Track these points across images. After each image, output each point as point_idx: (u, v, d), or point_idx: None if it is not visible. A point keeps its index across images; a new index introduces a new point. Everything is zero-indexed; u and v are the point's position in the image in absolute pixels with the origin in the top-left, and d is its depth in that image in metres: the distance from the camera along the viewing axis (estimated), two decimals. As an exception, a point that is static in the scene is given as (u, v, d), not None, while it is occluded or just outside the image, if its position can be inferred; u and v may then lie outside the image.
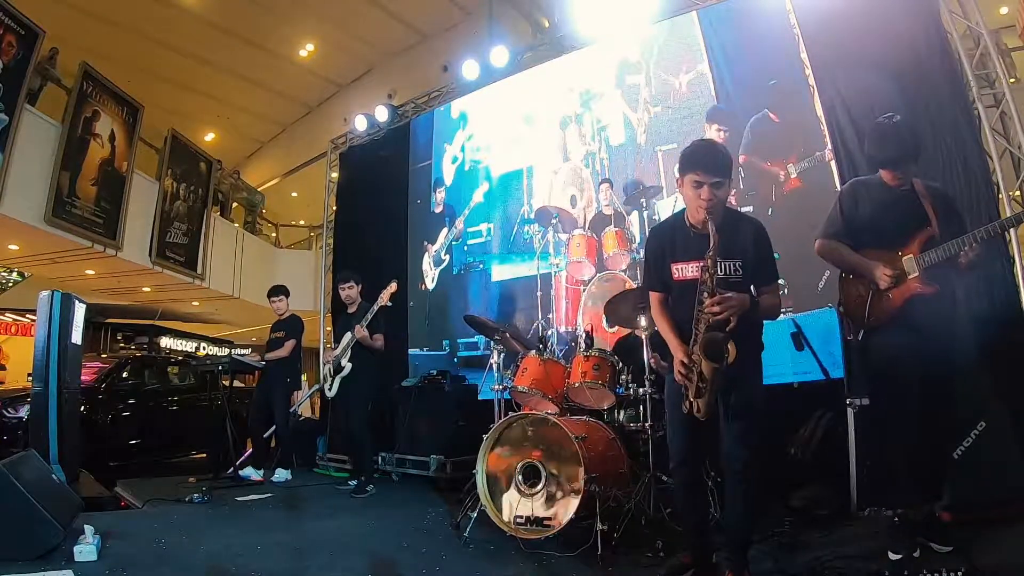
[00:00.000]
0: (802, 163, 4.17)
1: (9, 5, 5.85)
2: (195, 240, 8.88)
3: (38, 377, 3.65)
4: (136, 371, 6.27)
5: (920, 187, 2.44)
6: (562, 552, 2.69)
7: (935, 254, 2.29)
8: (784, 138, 4.27)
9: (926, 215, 2.35)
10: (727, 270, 2.16)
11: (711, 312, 2.03)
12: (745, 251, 2.19)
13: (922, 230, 2.35)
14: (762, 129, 4.36)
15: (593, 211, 5.20)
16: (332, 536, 3.17)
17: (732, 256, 2.17)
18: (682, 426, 2.23)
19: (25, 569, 2.37)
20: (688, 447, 2.25)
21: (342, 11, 9.79)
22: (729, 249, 2.16)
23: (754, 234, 2.22)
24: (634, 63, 5.12)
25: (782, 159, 4.25)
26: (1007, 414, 2.74)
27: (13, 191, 5.94)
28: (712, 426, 2.17)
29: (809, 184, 4.11)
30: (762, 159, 4.34)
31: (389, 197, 6.70)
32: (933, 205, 2.37)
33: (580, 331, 4.73)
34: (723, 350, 1.98)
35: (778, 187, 4.26)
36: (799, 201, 4.07)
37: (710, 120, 4.63)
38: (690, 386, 2.10)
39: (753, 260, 2.19)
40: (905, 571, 2.09)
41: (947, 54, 3.59)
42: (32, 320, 9.22)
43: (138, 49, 9.47)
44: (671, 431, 2.33)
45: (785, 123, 4.28)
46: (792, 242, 3.40)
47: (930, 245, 2.32)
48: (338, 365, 4.47)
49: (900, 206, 2.40)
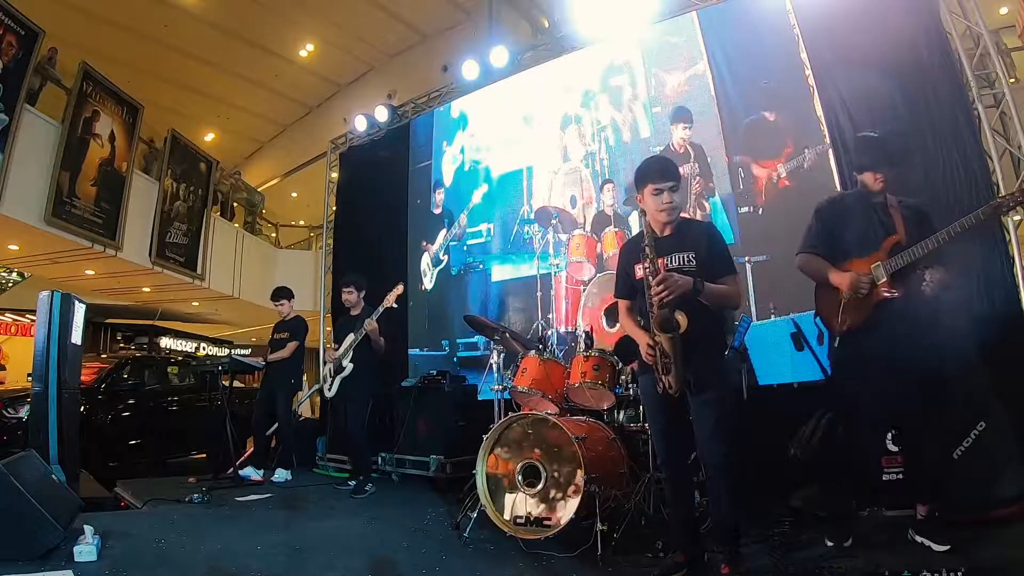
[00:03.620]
0: (791, 163, 4.19)
1: (9, 5, 5.85)
2: (195, 240, 8.87)
3: (38, 377, 3.64)
4: (136, 371, 6.26)
5: (892, 201, 2.61)
6: (562, 552, 2.69)
7: (900, 259, 2.44)
8: (776, 138, 4.29)
9: (894, 225, 2.54)
10: (680, 261, 2.36)
11: (655, 292, 2.22)
12: (697, 245, 2.38)
13: (889, 238, 2.51)
14: (755, 130, 4.37)
15: (593, 211, 5.20)
16: (332, 536, 3.17)
17: (684, 249, 2.38)
18: (660, 428, 2.44)
19: (25, 569, 2.37)
20: (668, 447, 2.44)
21: (342, 11, 9.80)
22: (681, 244, 2.39)
23: (706, 231, 2.47)
24: (634, 63, 5.12)
25: (773, 160, 4.27)
26: (1007, 414, 2.74)
27: (13, 191, 5.93)
28: (689, 425, 2.32)
29: (800, 183, 4.11)
30: (754, 159, 4.35)
31: (389, 197, 6.70)
32: (903, 216, 2.55)
33: (580, 331, 4.72)
34: (672, 320, 2.20)
35: (769, 187, 4.27)
36: (791, 201, 4.07)
37: (675, 121, 4.73)
38: (657, 364, 2.29)
39: (706, 253, 2.37)
40: (905, 570, 2.09)
41: (947, 54, 3.58)
42: (32, 320, 9.22)
43: (138, 49, 9.48)
44: (652, 432, 2.55)
45: (777, 124, 4.30)
46: (788, 242, 3.39)
47: (897, 251, 2.47)
48: (339, 365, 4.48)
49: (871, 218, 2.58)
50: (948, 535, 2.36)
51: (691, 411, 2.31)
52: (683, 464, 2.45)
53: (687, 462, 2.48)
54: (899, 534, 2.53)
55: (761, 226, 4.26)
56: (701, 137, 4.61)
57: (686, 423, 2.33)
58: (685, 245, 2.38)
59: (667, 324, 2.20)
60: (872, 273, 2.48)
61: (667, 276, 2.23)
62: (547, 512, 2.85)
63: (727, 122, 4.51)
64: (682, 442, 2.40)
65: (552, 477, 2.89)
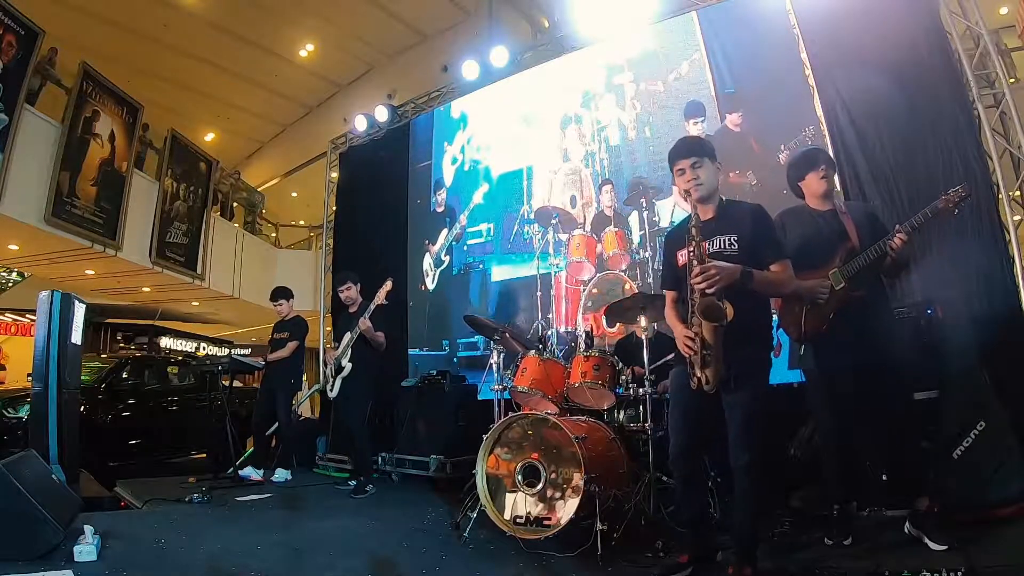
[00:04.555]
0: (762, 170, 4.25)
1: (9, 5, 5.85)
2: (195, 240, 8.87)
3: (38, 377, 3.64)
4: (136, 371, 6.27)
5: (840, 206, 2.68)
6: (562, 552, 2.69)
7: (855, 264, 2.51)
8: (742, 147, 4.32)
9: (846, 231, 2.58)
10: (721, 244, 2.23)
11: (694, 282, 2.09)
12: (741, 227, 2.24)
13: (843, 245, 2.56)
14: (721, 142, 4.32)
15: (593, 211, 5.20)
16: (332, 536, 3.17)
17: (727, 231, 2.24)
18: (684, 419, 2.31)
19: (25, 569, 2.37)
20: (687, 441, 2.31)
21: (342, 11, 9.79)
22: (724, 226, 2.26)
23: (752, 212, 2.31)
24: (634, 63, 5.13)
25: (744, 169, 4.31)
26: (1007, 414, 2.74)
27: (13, 191, 5.94)
28: (713, 422, 2.21)
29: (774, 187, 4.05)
30: (728, 171, 4.31)
31: (389, 197, 6.70)
32: (854, 221, 2.60)
33: (580, 331, 4.72)
34: (718, 308, 2.04)
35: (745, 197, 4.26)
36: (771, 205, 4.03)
37: (688, 117, 4.75)
38: (696, 357, 2.14)
39: (750, 235, 2.23)
40: (905, 570, 2.09)
41: (947, 54, 3.59)
42: (32, 320, 9.23)
43: (138, 49, 9.48)
44: (673, 422, 2.39)
45: (743, 132, 4.37)
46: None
47: (851, 256, 2.53)
48: (339, 365, 4.47)
49: (823, 227, 2.63)
50: (947, 535, 2.36)
51: (725, 409, 2.18)
52: (697, 462, 2.39)
53: (701, 460, 2.44)
54: (899, 534, 2.52)
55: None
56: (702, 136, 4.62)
57: (710, 421, 2.21)
58: (728, 227, 2.24)
59: (713, 312, 2.04)
60: (831, 280, 2.54)
61: (706, 268, 2.07)
62: (547, 512, 2.85)
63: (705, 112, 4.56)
64: (701, 440, 2.31)
65: (552, 477, 2.89)
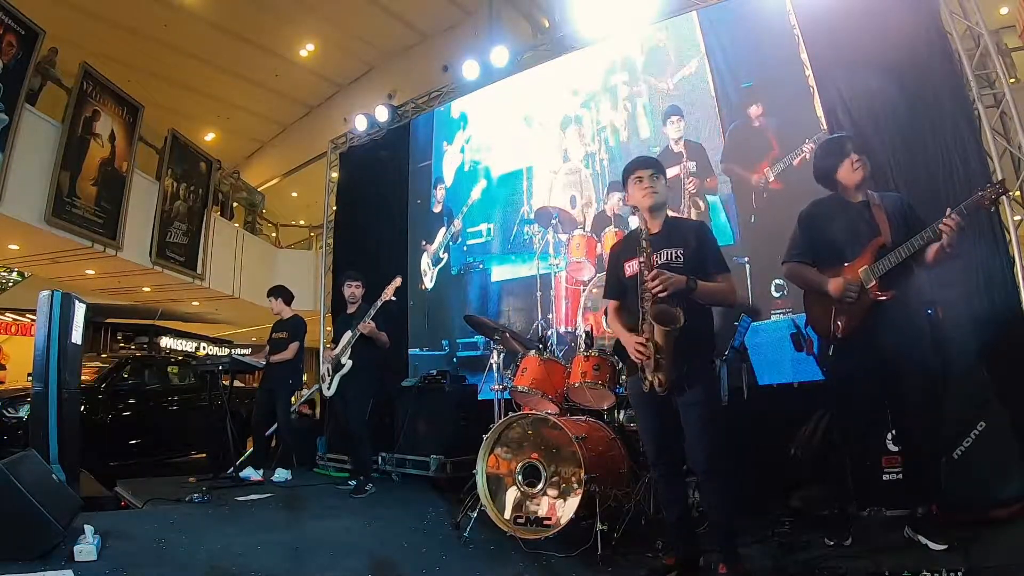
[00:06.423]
0: (777, 165, 4.20)
1: (9, 5, 5.85)
2: (195, 240, 8.87)
3: (38, 377, 3.64)
4: (136, 371, 6.27)
5: (874, 199, 2.56)
6: (562, 552, 2.69)
7: (886, 262, 2.41)
8: (761, 142, 4.28)
9: (877, 226, 2.48)
10: (668, 257, 2.36)
11: (650, 286, 2.21)
12: (686, 242, 2.38)
13: (873, 240, 2.47)
14: (739, 136, 4.38)
15: (593, 211, 5.20)
16: (332, 536, 3.17)
17: (673, 245, 2.38)
18: (650, 423, 2.42)
19: (25, 569, 2.37)
20: (659, 448, 2.42)
21: (342, 11, 9.79)
22: (670, 240, 2.39)
23: (696, 229, 2.46)
24: (634, 63, 5.12)
25: (760, 164, 4.28)
26: (1007, 414, 2.74)
27: (13, 191, 5.93)
28: (677, 421, 2.31)
29: (789, 184, 4.10)
30: (740, 166, 4.34)
31: (389, 197, 6.70)
32: (887, 214, 2.50)
33: (580, 331, 4.72)
34: (671, 313, 2.16)
35: (758, 193, 4.27)
36: (783, 203, 4.04)
37: (666, 118, 4.77)
38: (648, 362, 2.24)
39: (695, 250, 2.37)
40: (905, 570, 2.09)
41: (947, 54, 3.58)
42: (32, 320, 9.23)
43: (138, 49, 9.47)
44: (642, 434, 2.55)
45: (761, 126, 4.31)
46: (783, 244, 3.39)
47: (882, 254, 2.43)
48: (337, 363, 4.46)
49: (854, 221, 2.54)
50: (947, 535, 2.36)
51: (680, 411, 2.28)
52: (673, 465, 2.43)
53: (677, 463, 2.46)
54: (899, 534, 2.52)
55: (757, 229, 4.26)
56: (702, 136, 4.61)
57: (675, 423, 2.31)
58: (673, 241, 2.39)
59: (666, 316, 2.15)
60: (860, 278, 2.47)
61: (660, 272, 2.22)
62: (547, 512, 2.85)
63: (727, 122, 4.50)
64: (672, 443, 2.38)
65: (552, 477, 2.89)
